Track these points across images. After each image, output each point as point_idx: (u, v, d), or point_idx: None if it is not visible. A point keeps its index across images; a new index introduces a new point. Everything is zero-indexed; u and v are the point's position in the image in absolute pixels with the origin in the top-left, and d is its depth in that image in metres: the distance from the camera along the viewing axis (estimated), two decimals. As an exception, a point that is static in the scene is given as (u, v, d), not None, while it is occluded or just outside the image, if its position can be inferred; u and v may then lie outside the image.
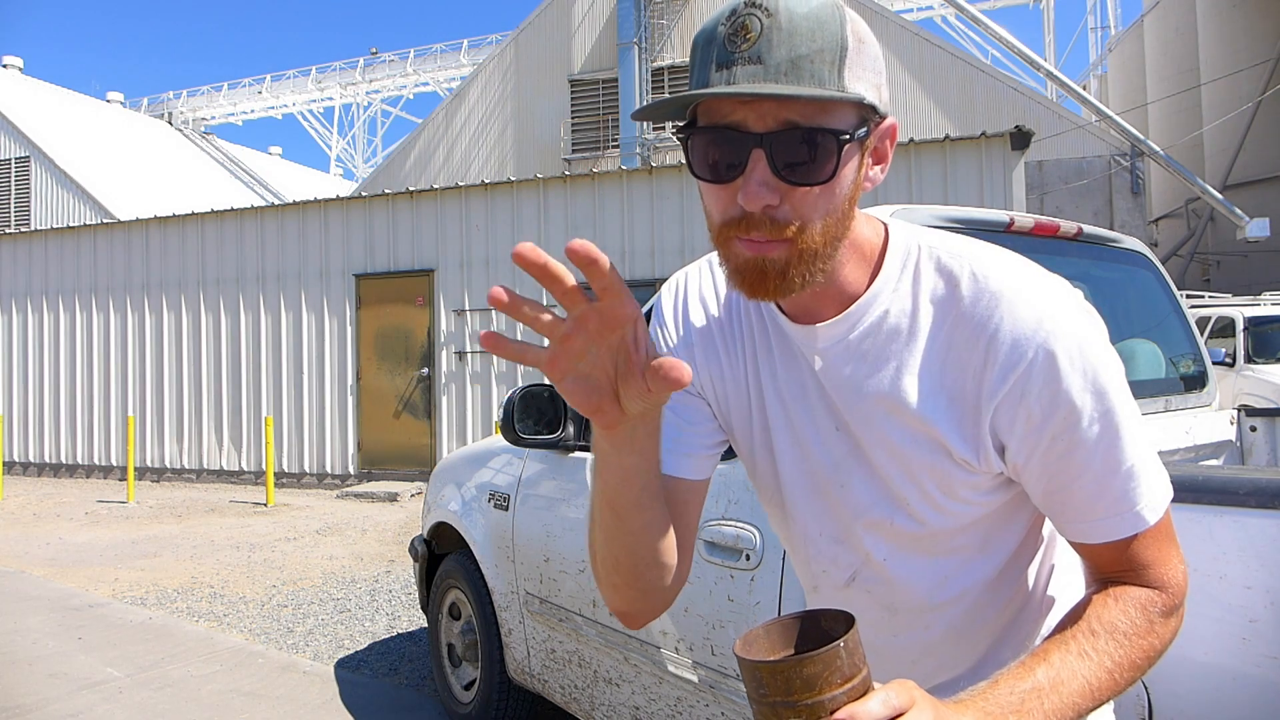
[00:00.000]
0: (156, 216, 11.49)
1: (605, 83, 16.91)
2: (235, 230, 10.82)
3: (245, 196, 24.11)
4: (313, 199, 10.80)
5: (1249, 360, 9.31)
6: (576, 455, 2.69)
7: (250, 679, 3.85)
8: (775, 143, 0.74)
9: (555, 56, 17.36)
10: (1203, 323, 9.87)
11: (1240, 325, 9.55)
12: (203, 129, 30.77)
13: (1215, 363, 4.89)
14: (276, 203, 11.96)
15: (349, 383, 10.14)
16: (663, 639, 2.22)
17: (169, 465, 10.96)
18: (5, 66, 25.32)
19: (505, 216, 9.66)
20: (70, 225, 12.07)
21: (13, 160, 21.73)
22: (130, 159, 23.87)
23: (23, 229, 14.85)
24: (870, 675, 0.66)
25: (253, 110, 32.16)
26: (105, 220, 14.50)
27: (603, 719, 2.56)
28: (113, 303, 11.42)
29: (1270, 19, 17.17)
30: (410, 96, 31.44)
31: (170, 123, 29.99)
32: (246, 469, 10.60)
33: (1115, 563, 0.83)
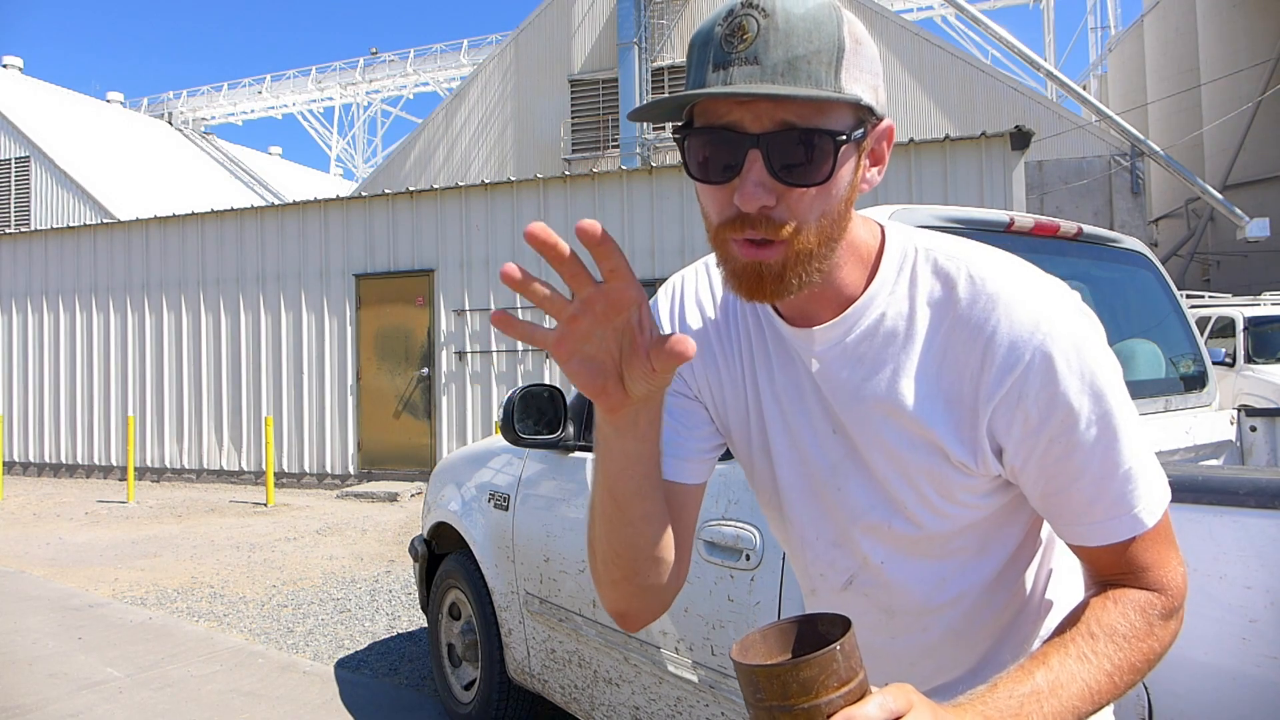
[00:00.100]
0: (156, 216, 11.50)
1: (605, 83, 16.91)
2: (235, 230, 10.82)
3: (245, 196, 24.11)
4: (313, 199, 10.80)
5: (1249, 360, 9.31)
6: (576, 455, 2.69)
7: (250, 679, 3.85)
8: (772, 143, 0.74)
9: (555, 56, 17.36)
10: (1203, 323, 9.87)
11: (1240, 325, 9.55)
12: (203, 129, 30.77)
13: (1215, 363, 4.89)
14: (276, 203, 11.96)
15: (349, 383, 10.14)
16: (663, 639, 2.22)
17: (169, 465, 10.97)
18: (5, 66, 25.33)
19: (505, 216, 9.66)
20: (70, 225, 12.07)
21: (13, 160, 21.73)
22: (130, 159, 23.88)
23: (23, 229, 14.85)
24: (867, 679, 0.65)
25: (253, 110, 32.17)
26: (105, 220, 14.50)
27: (603, 719, 2.56)
28: (113, 303, 11.42)
29: (1270, 19, 17.17)
30: (410, 96, 31.49)
31: (170, 123, 30.00)
32: (246, 469, 10.60)
33: (1114, 565, 0.82)
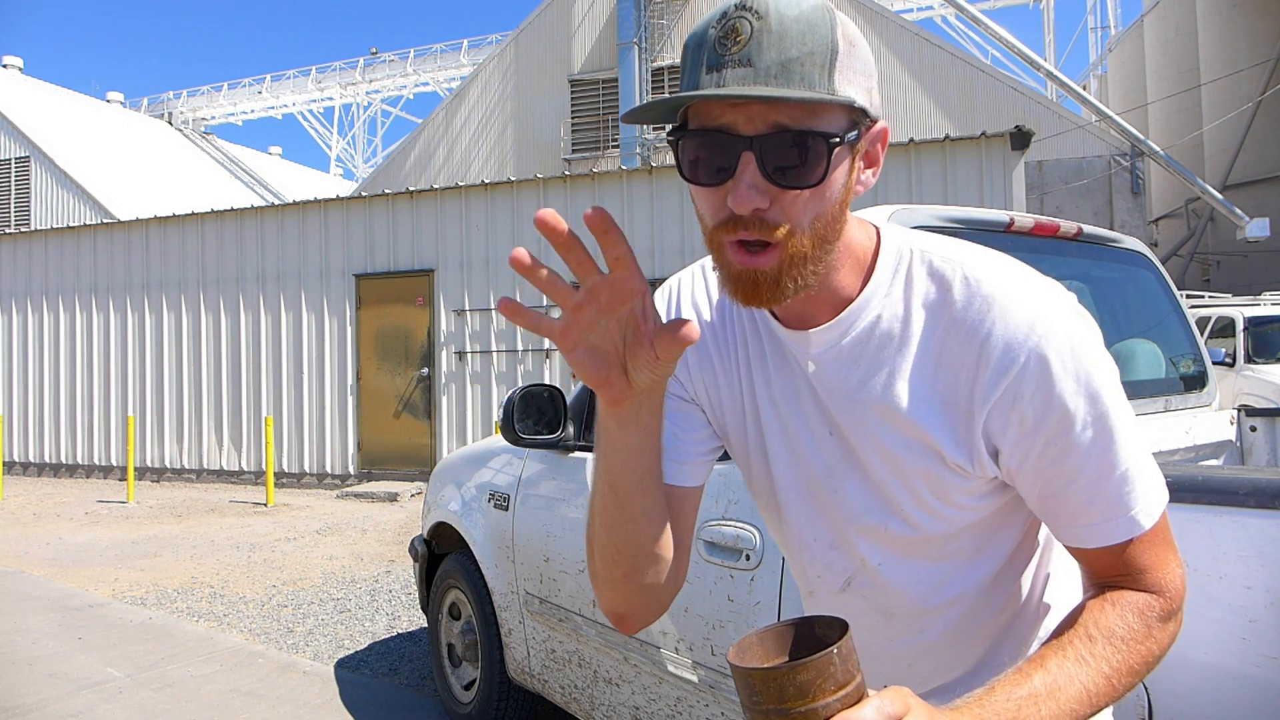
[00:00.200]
0: (156, 216, 11.50)
1: (605, 83, 16.90)
2: (235, 230, 10.82)
3: (245, 196, 24.11)
4: (313, 199, 10.80)
5: (1249, 360, 9.31)
6: (576, 455, 2.69)
7: (250, 679, 3.85)
8: (765, 146, 0.74)
9: (555, 56, 17.36)
10: (1203, 323, 9.87)
11: (1240, 325, 9.55)
12: (203, 129, 30.77)
13: (1215, 363, 4.89)
14: (276, 203, 11.95)
15: (349, 383, 10.14)
16: (663, 639, 2.22)
17: (169, 465, 10.97)
18: (5, 66, 25.32)
19: (505, 216, 9.66)
20: (70, 225, 12.08)
21: (13, 160, 21.73)
22: (130, 159, 23.87)
23: (23, 229, 14.85)
24: (864, 682, 0.65)
25: (253, 110, 32.16)
26: (105, 220, 14.50)
27: (603, 719, 2.56)
28: (113, 303, 11.42)
29: (1270, 19, 17.17)
30: (410, 96, 31.47)
31: (170, 123, 29.99)
32: (246, 469, 10.60)
33: (1112, 567, 0.82)
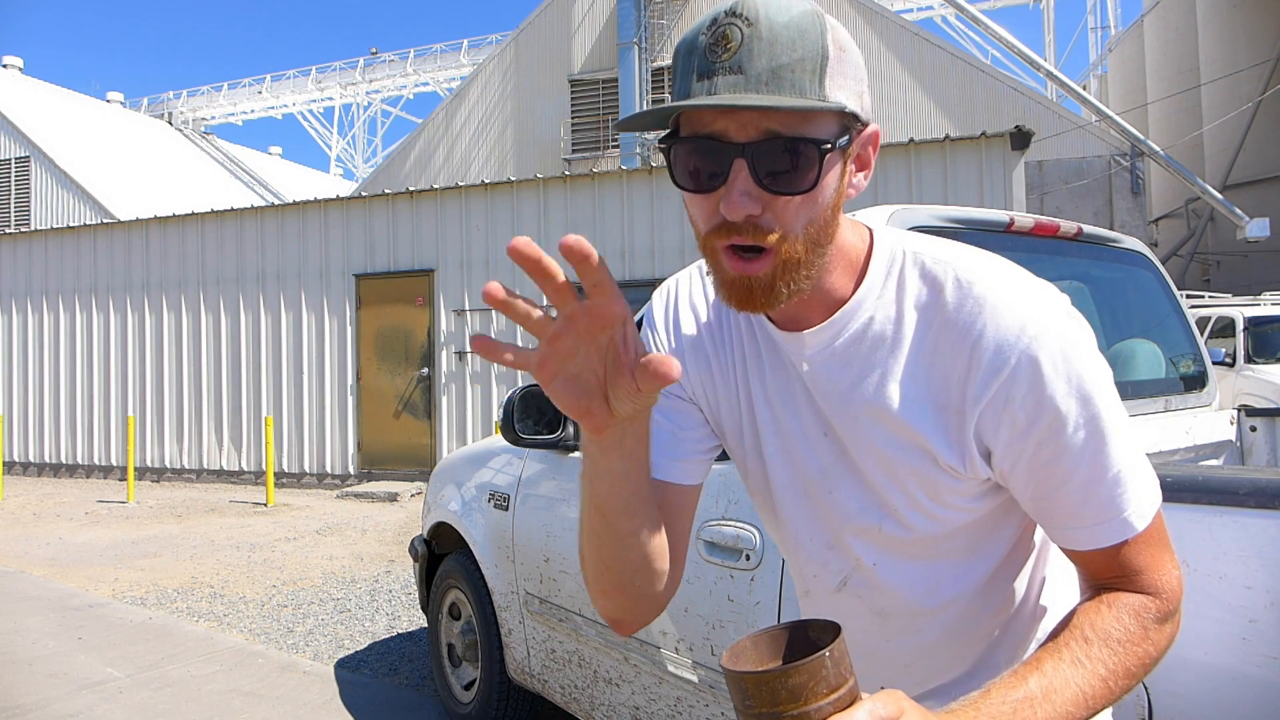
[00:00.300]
0: (156, 216, 11.49)
1: (605, 83, 16.90)
2: (235, 230, 10.82)
3: (245, 196, 24.11)
4: (313, 199, 10.80)
5: (1249, 360, 9.31)
6: (576, 455, 2.69)
7: (250, 679, 3.85)
8: (757, 152, 0.74)
9: (555, 56, 17.35)
10: (1203, 323, 9.87)
11: (1240, 325, 9.55)
12: (203, 129, 30.76)
13: (1215, 363, 4.89)
14: (276, 203, 11.95)
15: (349, 383, 10.14)
16: (663, 639, 2.22)
17: (169, 465, 10.97)
18: (5, 66, 25.31)
19: (505, 216, 9.66)
20: (70, 225, 12.07)
21: (13, 160, 21.72)
22: (130, 159, 23.87)
23: (23, 229, 14.85)
24: (857, 685, 0.65)
25: (253, 110, 32.15)
26: (105, 220, 14.50)
27: (603, 719, 2.56)
28: (113, 303, 11.42)
29: (1270, 19, 17.16)
30: (410, 96, 31.46)
31: (170, 123, 29.98)
32: (246, 469, 10.60)
33: (1107, 569, 0.82)
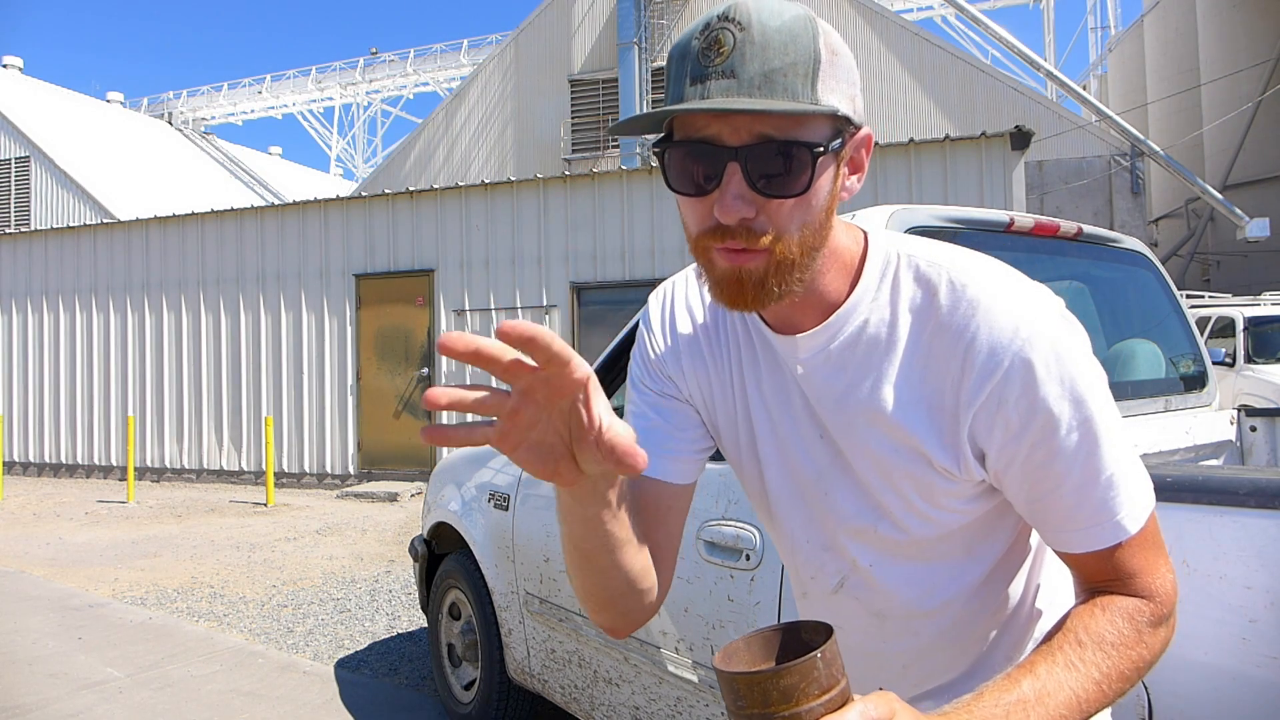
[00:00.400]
0: (156, 216, 11.49)
1: (605, 83, 16.90)
2: (235, 230, 10.82)
3: (245, 196, 24.11)
4: (313, 199, 10.80)
5: (1249, 360, 9.31)
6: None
7: (250, 679, 3.85)
8: (750, 156, 0.74)
9: (555, 56, 17.35)
10: (1203, 323, 9.87)
11: (1240, 325, 9.55)
12: (203, 129, 30.75)
13: (1215, 363, 4.88)
14: (276, 203, 11.95)
15: (349, 383, 10.14)
16: (663, 639, 2.22)
17: (169, 465, 10.97)
18: (5, 66, 25.31)
19: (505, 216, 9.66)
20: (70, 225, 12.07)
21: (13, 160, 21.72)
22: (130, 159, 23.86)
23: (23, 229, 14.85)
24: (849, 687, 0.65)
25: (253, 110, 32.14)
26: (105, 220, 14.50)
27: (603, 719, 2.56)
28: (113, 303, 11.42)
29: (1270, 19, 17.16)
30: (410, 96, 31.45)
31: (170, 123, 29.97)
32: (246, 469, 10.60)
33: (1101, 572, 0.82)
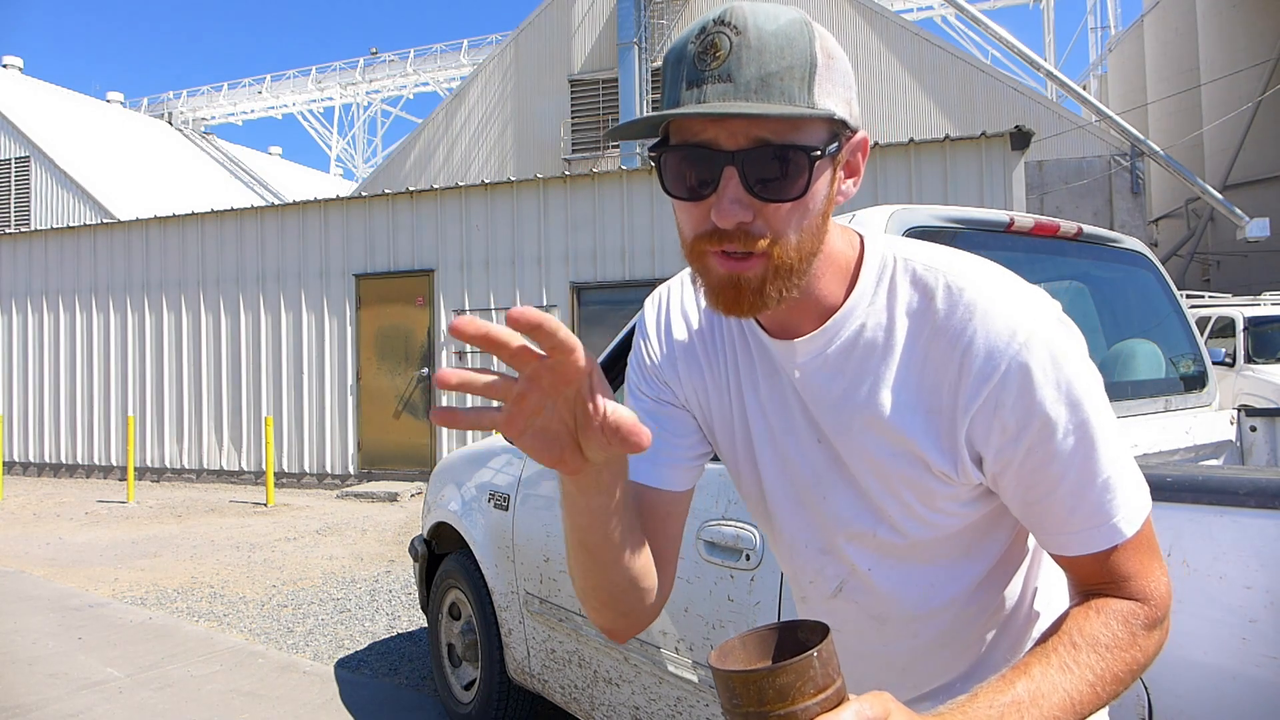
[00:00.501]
0: (156, 216, 11.49)
1: (605, 83, 16.90)
2: (235, 230, 10.82)
3: (245, 196, 24.10)
4: (313, 199, 10.80)
5: (1249, 360, 9.31)
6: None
7: (250, 679, 3.85)
8: (747, 160, 0.74)
9: (555, 56, 17.35)
10: (1203, 323, 9.87)
11: (1240, 325, 9.55)
12: (203, 129, 30.75)
13: (1215, 363, 4.89)
14: (276, 203, 11.96)
15: (349, 383, 10.14)
16: (663, 639, 2.22)
17: (169, 465, 10.97)
18: (5, 66, 25.30)
19: (505, 216, 9.66)
20: (70, 225, 12.07)
21: (13, 160, 21.72)
22: (130, 159, 23.86)
23: (23, 229, 14.84)
24: (845, 686, 0.65)
25: (253, 110, 32.14)
26: (105, 220, 14.50)
27: (603, 719, 2.56)
28: (113, 303, 11.42)
29: (1270, 19, 17.17)
30: (410, 96, 31.45)
31: (170, 123, 29.97)
32: (246, 469, 10.60)
33: (1096, 575, 0.82)
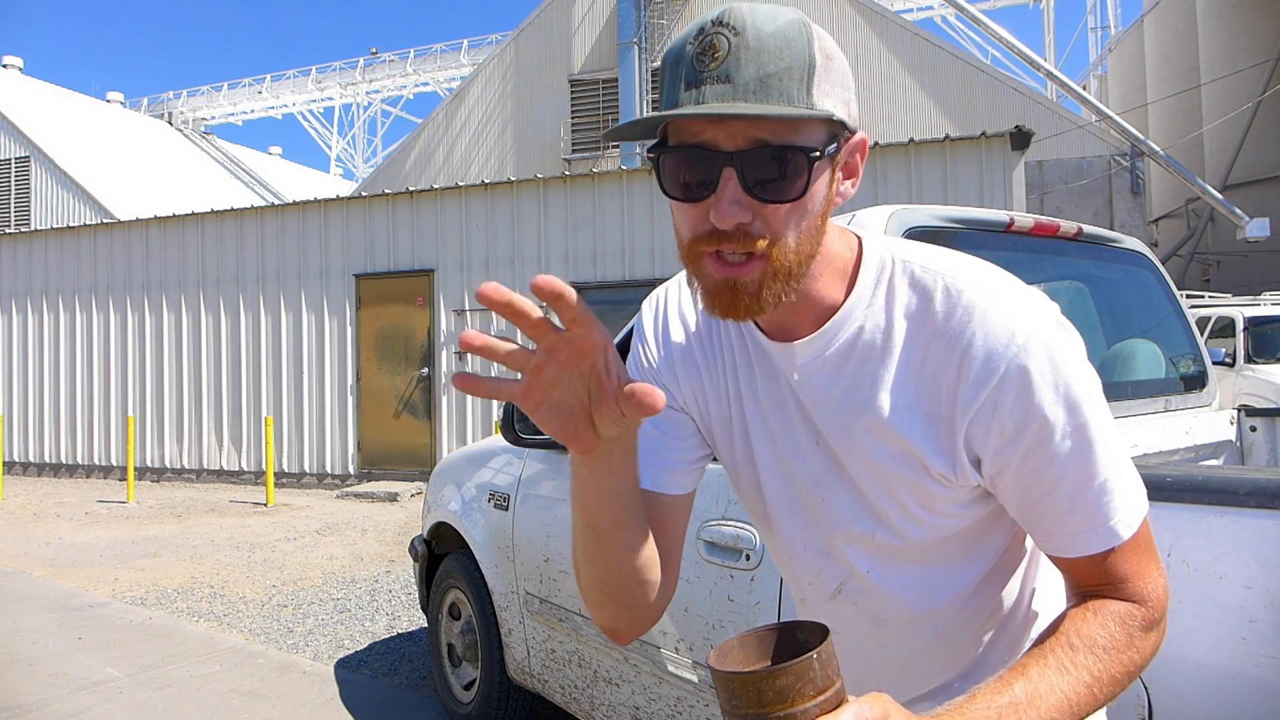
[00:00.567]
0: (156, 216, 11.49)
1: (605, 83, 16.90)
2: (235, 230, 10.82)
3: (245, 196, 24.10)
4: (313, 199, 10.80)
5: (1249, 360, 9.32)
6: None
7: (250, 679, 3.85)
8: (746, 161, 0.74)
9: (555, 56, 17.35)
10: (1203, 323, 9.87)
11: (1240, 325, 9.55)
12: (203, 129, 30.74)
13: (1215, 363, 4.88)
14: (276, 203, 11.96)
15: (349, 383, 10.14)
16: (663, 639, 2.22)
17: (169, 465, 10.97)
18: (5, 66, 25.30)
19: (505, 216, 9.66)
20: (70, 225, 12.07)
21: (13, 160, 21.71)
22: (130, 159, 23.86)
23: (23, 229, 14.84)
24: (844, 688, 0.65)
25: (253, 110, 32.13)
26: (105, 220, 14.49)
27: (603, 719, 2.56)
28: (113, 303, 11.42)
29: (1270, 19, 17.17)
30: (410, 96, 31.44)
31: (170, 123, 29.96)
32: (246, 469, 10.60)
33: (1093, 576, 0.82)
